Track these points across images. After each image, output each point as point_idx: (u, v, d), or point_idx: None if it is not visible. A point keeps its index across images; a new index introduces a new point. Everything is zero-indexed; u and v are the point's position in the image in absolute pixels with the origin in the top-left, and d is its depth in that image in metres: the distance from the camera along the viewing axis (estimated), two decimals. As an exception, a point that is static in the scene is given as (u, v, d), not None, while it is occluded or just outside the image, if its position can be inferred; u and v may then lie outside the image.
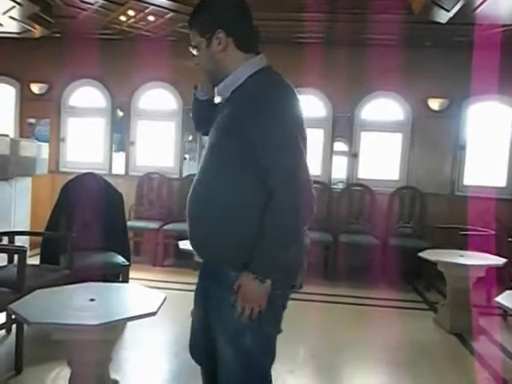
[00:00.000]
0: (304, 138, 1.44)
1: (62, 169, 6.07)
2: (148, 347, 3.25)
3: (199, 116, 1.69)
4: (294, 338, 3.42)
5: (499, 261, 3.75)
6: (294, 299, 1.60)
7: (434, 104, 5.59)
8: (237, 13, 1.46)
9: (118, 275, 3.63)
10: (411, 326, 3.86)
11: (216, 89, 1.54)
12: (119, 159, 6.15)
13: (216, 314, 1.49)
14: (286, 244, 1.40)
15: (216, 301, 1.48)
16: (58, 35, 5.49)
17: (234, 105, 1.44)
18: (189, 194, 1.54)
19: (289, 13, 4.71)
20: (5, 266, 3.08)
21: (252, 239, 1.38)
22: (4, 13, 4.11)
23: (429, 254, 3.93)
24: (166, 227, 5.41)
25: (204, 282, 1.57)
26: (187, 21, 1.53)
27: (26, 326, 2.65)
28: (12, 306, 2.01)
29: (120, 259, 3.60)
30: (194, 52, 1.51)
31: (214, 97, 1.62)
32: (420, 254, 3.95)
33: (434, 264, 3.84)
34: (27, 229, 4.22)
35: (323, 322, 3.85)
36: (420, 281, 4.97)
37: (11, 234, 3.32)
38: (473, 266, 3.68)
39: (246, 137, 1.37)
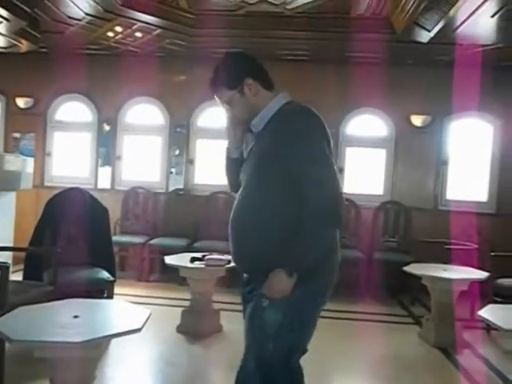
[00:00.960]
0: (331, 151, 1.66)
1: (47, 183, 6.03)
2: (133, 364, 3.21)
3: (236, 174, 1.79)
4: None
5: (482, 275, 3.81)
6: None
7: (417, 120, 5.71)
8: (252, 61, 1.73)
9: (102, 291, 3.59)
10: (396, 339, 3.88)
11: (251, 123, 1.72)
12: (105, 173, 6.13)
13: (249, 317, 1.66)
14: (316, 241, 1.59)
15: (251, 306, 1.66)
16: (44, 50, 5.50)
17: (270, 133, 1.64)
18: (231, 216, 1.70)
19: (275, 30, 4.81)
20: (-14, 283, 3.03)
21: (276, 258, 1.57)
22: (-10, 28, 4.11)
23: (413, 268, 3.97)
24: (151, 242, 5.39)
25: (246, 289, 1.74)
26: (211, 89, 1.72)
27: (7, 344, 2.60)
28: (-7, 323, 1.98)
29: (105, 275, 3.57)
30: (224, 107, 1.72)
31: (243, 151, 1.80)
32: (405, 268, 3.99)
33: (418, 278, 3.88)
34: (10, 244, 4.16)
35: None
36: (405, 295, 5.01)
37: (-7, 250, 3.28)
38: (456, 279, 3.72)
39: (286, 158, 1.57)
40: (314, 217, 1.54)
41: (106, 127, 6.11)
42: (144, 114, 6.13)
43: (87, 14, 4.41)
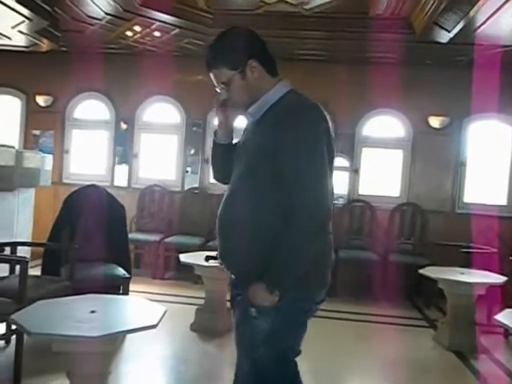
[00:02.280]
0: (330, 152, 1.52)
1: (64, 180, 6.12)
2: (146, 360, 3.24)
3: (222, 162, 1.68)
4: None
5: (500, 279, 3.75)
6: None
7: (435, 122, 5.64)
8: (259, 41, 1.57)
9: (118, 287, 3.63)
10: (410, 342, 3.85)
11: (247, 111, 1.58)
12: (122, 171, 6.20)
13: (238, 324, 1.58)
14: (299, 261, 1.45)
15: (239, 312, 1.58)
16: (64, 49, 5.59)
17: (267, 126, 1.50)
18: (219, 210, 1.59)
19: (291, 30, 4.80)
20: (6, 277, 3.09)
21: (266, 256, 1.46)
22: (13, 27, 4.19)
23: (429, 271, 3.93)
24: (166, 240, 5.43)
25: (234, 291, 1.66)
26: (207, 64, 1.55)
27: (25, 337, 2.65)
28: (14, 317, 2.02)
29: (121, 271, 3.61)
30: (221, 88, 1.55)
31: (233, 139, 1.67)
32: (421, 271, 3.95)
33: (434, 281, 3.84)
34: (29, 239, 4.23)
35: (322, 338, 3.82)
36: (420, 298, 4.96)
37: (13, 245, 3.34)
38: (474, 283, 3.67)
39: (280, 156, 1.44)
40: (298, 228, 1.42)
41: (123, 125, 6.17)
42: (161, 113, 6.18)
43: (107, 14, 4.47)
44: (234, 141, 1.70)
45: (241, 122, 1.69)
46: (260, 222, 1.48)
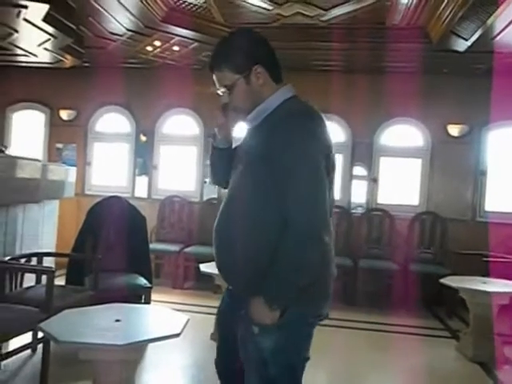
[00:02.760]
0: (330, 162, 1.47)
1: (86, 192, 6.26)
2: (168, 369, 3.28)
3: (221, 166, 1.64)
4: (312, 362, 3.41)
5: (523, 288, 3.70)
6: None
7: (454, 130, 5.61)
8: (267, 47, 1.53)
9: (140, 297, 3.70)
10: (432, 353, 3.80)
11: (247, 117, 1.55)
12: (142, 183, 6.31)
13: (242, 340, 1.52)
14: (298, 274, 1.40)
15: (243, 327, 1.51)
16: (87, 64, 5.75)
17: (267, 132, 1.45)
18: (217, 220, 1.55)
19: (308, 42, 4.86)
20: (33, 286, 3.18)
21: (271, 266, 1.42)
22: (39, 45, 4.34)
23: (451, 281, 3.89)
24: (186, 250, 5.49)
25: (233, 303, 1.60)
26: (211, 64, 1.51)
27: (52, 346, 2.72)
28: (42, 325, 2.09)
29: (142, 281, 3.68)
30: (223, 91, 1.51)
31: (232, 143, 1.64)
32: (442, 281, 3.91)
33: (455, 291, 3.80)
34: (53, 250, 4.33)
35: (342, 348, 3.82)
36: (441, 308, 4.90)
37: (40, 255, 3.44)
38: (496, 293, 3.62)
39: (276, 164, 1.39)
40: (295, 241, 1.37)
41: (143, 138, 6.30)
42: (180, 125, 6.29)
43: (128, 30, 4.60)
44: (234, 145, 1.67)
45: (241, 127, 1.65)
46: (259, 233, 1.44)
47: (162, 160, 6.32)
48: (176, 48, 5.15)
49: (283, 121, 1.43)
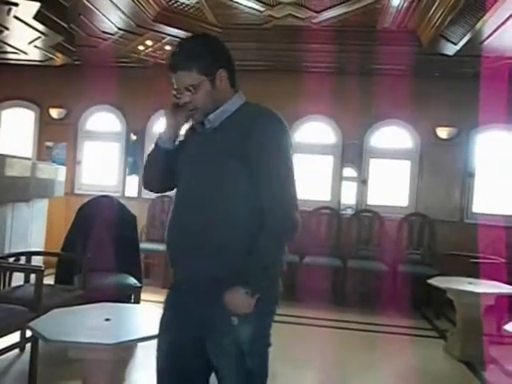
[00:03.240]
0: (292, 163, 1.56)
1: (76, 191, 6.23)
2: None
3: (161, 168, 1.63)
4: (302, 363, 3.44)
5: (509, 289, 3.75)
6: (301, 324, 1.62)
7: (443, 133, 5.68)
8: (228, 53, 1.59)
9: (129, 296, 3.68)
10: (420, 353, 3.84)
11: (206, 118, 1.57)
12: (132, 182, 6.29)
13: (216, 336, 1.50)
14: (274, 262, 1.50)
15: (215, 323, 1.50)
16: (77, 63, 5.71)
17: (230, 133, 1.52)
18: (186, 217, 1.55)
19: (300, 44, 4.89)
20: (21, 286, 3.16)
21: (241, 258, 1.46)
22: (29, 42, 4.31)
23: (438, 281, 3.94)
24: (176, 250, 5.47)
25: (192, 303, 1.53)
26: (177, 63, 1.51)
27: (40, 345, 2.71)
28: (31, 324, 2.08)
29: (132, 281, 3.67)
30: (183, 92, 1.53)
31: (175, 145, 1.64)
32: (430, 281, 3.95)
33: (443, 291, 3.85)
34: (42, 249, 4.30)
35: (331, 348, 3.85)
36: (429, 308, 4.96)
37: (29, 254, 3.42)
38: (483, 293, 3.67)
39: (250, 161, 1.47)
40: (273, 231, 1.46)
41: (133, 137, 6.28)
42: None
43: (120, 29, 4.60)
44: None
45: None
46: (236, 227, 1.49)
47: (152, 160, 6.28)
48: (168, 47, 5.15)
49: (257, 121, 1.51)
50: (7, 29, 4.05)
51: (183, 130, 1.68)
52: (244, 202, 1.49)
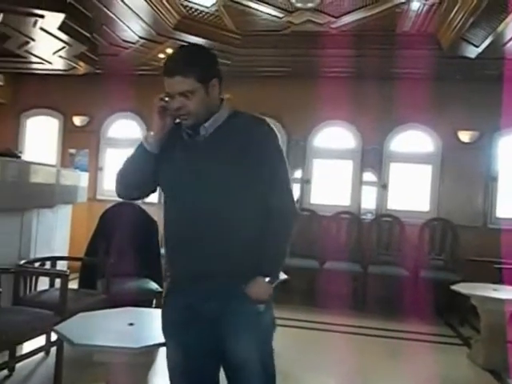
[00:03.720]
0: None
1: (98, 197, 6.33)
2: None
3: (142, 172, 1.65)
4: (322, 369, 3.42)
5: (535, 296, 3.67)
6: (322, 330, 1.65)
7: (465, 136, 5.60)
8: (218, 64, 1.65)
9: (151, 301, 3.73)
10: (444, 360, 3.78)
11: (202, 126, 1.60)
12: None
13: (238, 328, 1.56)
14: (286, 253, 1.66)
15: (237, 316, 1.56)
16: (99, 71, 5.84)
17: (227, 141, 1.59)
18: (190, 218, 1.57)
19: (319, 49, 4.89)
20: (47, 290, 3.23)
21: (256, 254, 1.58)
22: (54, 53, 4.43)
23: (462, 288, 3.87)
24: (196, 255, 5.50)
25: (209, 303, 1.57)
26: (175, 68, 1.53)
27: (65, 349, 2.76)
28: (57, 328, 2.12)
29: (154, 285, 3.71)
30: (176, 97, 1.55)
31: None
32: (453, 288, 3.89)
33: (467, 298, 3.79)
34: (66, 254, 4.39)
35: (352, 354, 3.81)
36: (452, 315, 4.87)
37: (54, 259, 3.50)
38: (508, 300, 3.60)
39: (253, 164, 1.57)
40: (281, 223, 1.61)
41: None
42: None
43: (141, 38, 4.68)
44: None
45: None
46: (247, 229, 1.58)
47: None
48: (187, 55, 5.20)
49: (253, 130, 1.62)
50: (33, 40, 4.16)
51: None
52: (251, 205, 1.59)
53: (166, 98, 1.59)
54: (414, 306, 4.80)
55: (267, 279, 1.58)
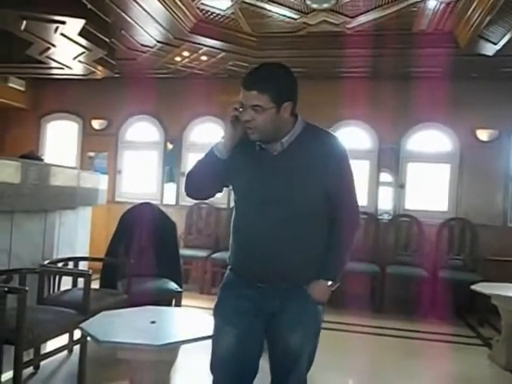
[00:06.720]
0: None
1: (117, 199, 6.43)
2: (199, 371, 3.32)
3: (212, 176, 1.74)
4: (341, 369, 3.42)
5: (557, 295, 3.61)
6: (340, 330, 1.72)
7: (483, 135, 5.54)
8: (297, 87, 1.68)
9: (170, 301, 3.77)
10: (464, 361, 3.75)
11: (280, 142, 1.68)
12: (170, 190, 6.44)
13: (298, 324, 1.71)
14: (347, 260, 1.79)
15: (299, 314, 1.71)
16: (118, 75, 5.93)
17: (302, 156, 1.66)
18: (268, 225, 1.66)
19: (335, 49, 4.89)
20: (70, 289, 3.30)
21: (320, 261, 1.73)
22: (74, 58, 4.52)
23: (482, 287, 3.83)
24: (213, 256, 5.56)
25: (273, 300, 1.71)
26: (253, 83, 1.58)
27: (88, 347, 2.82)
28: (83, 326, 2.18)
29: (173, 285, 3.76)
30: (247, 109, 1.60)
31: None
32: (473, 287, 3.86)
33: (487, 298, 3.75)
34: (87, 254, 4.47)
35: (371, 354, 3.81)
36: (472, 315, 4.82)
37: (76, 260, 3.57)
38: (529, 300, 3.56)
39: (330, 182, 1.68)
40: (347, 231, 1.74)
41: (169, 146, 6.44)
42: (207, 133, 6.40)
43: (158, 41, 4.75)
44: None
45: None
46: (316, 239, 1.71)
47: (189, 167, 6.41)
48: (204, 58, 5.27)
49: (329, 141, 1.73)
50: (54, 46, 4.26)
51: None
52: (322, 215, 1.71)
53: (240, 109, 1.63)
54: (433, 306, 4.76)
55: (329, 283, 1.73)
